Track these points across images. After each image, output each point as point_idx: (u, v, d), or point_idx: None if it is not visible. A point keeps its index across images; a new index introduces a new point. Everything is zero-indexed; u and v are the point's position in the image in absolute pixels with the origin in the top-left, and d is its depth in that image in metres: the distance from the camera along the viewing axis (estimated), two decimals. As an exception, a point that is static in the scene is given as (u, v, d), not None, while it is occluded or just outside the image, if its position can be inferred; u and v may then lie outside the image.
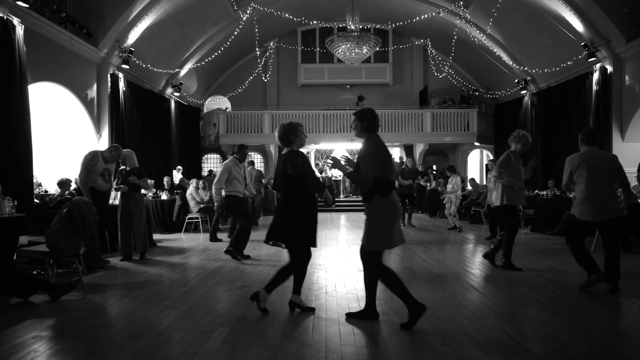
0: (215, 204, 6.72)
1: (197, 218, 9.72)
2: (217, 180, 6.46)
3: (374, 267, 3.47)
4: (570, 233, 4.79)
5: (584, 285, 4.53)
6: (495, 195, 5.67)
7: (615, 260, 4.50)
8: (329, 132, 15.94)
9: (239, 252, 6.33)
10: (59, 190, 6.99)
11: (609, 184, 4.53)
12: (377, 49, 13.50)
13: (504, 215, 5.63)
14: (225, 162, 6.69)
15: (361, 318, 3.56)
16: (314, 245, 3.76)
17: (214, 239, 8.30)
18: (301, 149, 3.82)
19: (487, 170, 15.87)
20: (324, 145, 17.31)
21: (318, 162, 17.94)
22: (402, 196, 10.57)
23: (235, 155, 6.71)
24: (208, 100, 18.00)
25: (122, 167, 6.51)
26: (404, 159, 16.95)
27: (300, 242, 3.71)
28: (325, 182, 3.96)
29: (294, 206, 3.66)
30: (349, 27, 12.63)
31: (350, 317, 3.62)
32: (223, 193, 6.51)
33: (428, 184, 13.63)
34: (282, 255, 6.78)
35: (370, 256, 3.46)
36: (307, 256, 3.78)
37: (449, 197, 9.85)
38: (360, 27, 13.23)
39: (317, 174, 14.10)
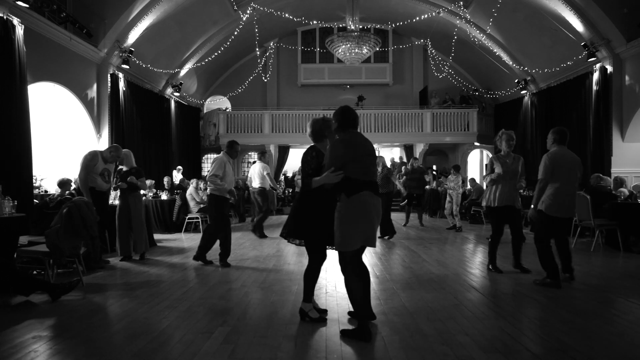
0: (228, 192, 5.96)
1: (197, 218, 9.72)
2: (213, 175, 5.89)
3: (343, 267, 3.32)
4: (542, 232, 4.86)
5: (539, 282, 4.77)
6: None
7: (569, 254, 4.87)
8: (329, 132, 15.90)
9: (201, 257, 6.03)
10: (59, 190, 6.99)
11: (576, 184, 4.84)
12: (377, 49, 13.49)
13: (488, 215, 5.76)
14: (217, 156, 6.16)
15: (357, 338, 3.26)
16: (328, 245, 3.48)
17: (262, 234, 8.70)
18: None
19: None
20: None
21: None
22: (410, 196, 10.64)
23: (225, 151, 6.21)
24: (208, 100, 18.00)
25: (120, 167, 6.51)
26: (404, 159, 16.98)
27: (309, 242, 3.49)
28: (308, 183, 3.66)
29: (304, 202, 3.49)
30: (349, 27, 12.62)
31: (352, 315, 3.61)
32: (208, 190, 6.03)
33: (428, 185, 13.62)
34: (282, 255, 6.78)
35: (341, 257, 3.30)
36: (318, 258, 3.53)
37: (450, 194, 9.90)
38: (360, 27, 13.23)
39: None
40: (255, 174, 8.88)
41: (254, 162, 9.20)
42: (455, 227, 9.74)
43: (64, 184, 6.89)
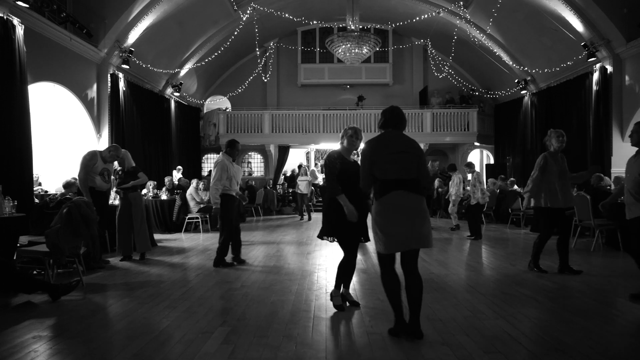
0: (214, 207, 5.93)
1: (197, 218, 9.73)
2: (217, 180, 5.80)
3: (380, 271, 3.33)
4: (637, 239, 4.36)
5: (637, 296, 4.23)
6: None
7: None
8: (329, 132, 15.92)
9: (238, 260, 6.10)
10: (62, 190, 6.96)
11: None
12: (377, 49, 13.48)
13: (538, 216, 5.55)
14: (218, 159, 6.00)
15: (392, 334, 3.25)
16: (362, 239, 3.95)
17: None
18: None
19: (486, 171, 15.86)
20: (324, 145, 17.31)
21: (317, 162, 17.92)
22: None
23: (225, 151, 6.07)
24: (208, 100, 17.99)
25: (119, 167, 6.50)
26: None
27: (341, 239, 3.86)
28: (337, 191, 3.83)
29: (327, 204, 3.88)
30: (349, 27, 12.61)
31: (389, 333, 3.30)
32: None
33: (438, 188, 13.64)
34: (282, 255, 6.78)
35: (379, 259, 3.32)
36: (350, 253, 3.88)
37: (450, 193, 10.03)
38: (360, 27, 13.21)
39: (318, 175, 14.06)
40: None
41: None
42: (458, 227, 9.86)
43: (69, 185, 6.83)
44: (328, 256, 6.57)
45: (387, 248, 3.14)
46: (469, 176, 8.66)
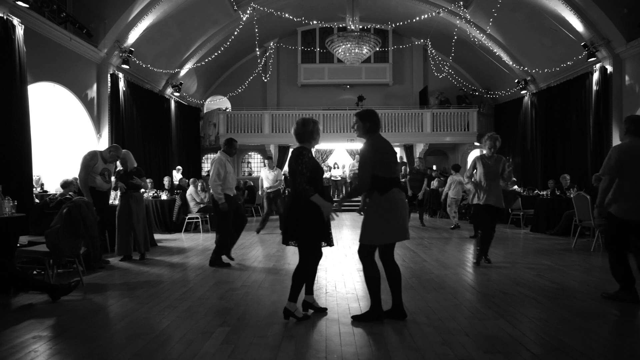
0: (220, 204, 5.79)
1: (197, 218, 9.73)
2: (215, 177, 5.79)
3: (362, 261, 3.55)
4: (610, 236, 4.29)
5: (608, 296, 4.17)
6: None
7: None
8: (329, 132, 15.93)
9: (227, 255, 6.06)
10: (61, 190, 6.97)
11: None
12: (377, 49, 13.49)
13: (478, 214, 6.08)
14: (216, 157, 5.98)
15: (367, 320, 3.53)
16: (327, 244, 3.68)
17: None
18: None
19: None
20: (324, 145, 17.31)
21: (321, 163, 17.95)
22: (411, 197, 10.61)
23: (223, 150, 6.05)
24: (208, 100, 17.99)
25: (120, 167, 6.51)
26: (404, 159, 16.98)
27: (303, 242, 3.55)
28: (309, 192, 3.63)
29: (294, 204, 3.52)
30: (349, 27, 12.61)
31: (356, 319, 3.56)
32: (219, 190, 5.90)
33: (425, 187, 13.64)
34: (282, 255, 6.78)
35: (363, 250, 3.55)
36: (316, 257, 3.69)
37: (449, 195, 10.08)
38: (360, 27, 13.21)
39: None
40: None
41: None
42: (457, 227, 9.94)
43: (67, 184, 6.84)
44: (328, 256, 6.56)
45: (390, 238, 3.50)
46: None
